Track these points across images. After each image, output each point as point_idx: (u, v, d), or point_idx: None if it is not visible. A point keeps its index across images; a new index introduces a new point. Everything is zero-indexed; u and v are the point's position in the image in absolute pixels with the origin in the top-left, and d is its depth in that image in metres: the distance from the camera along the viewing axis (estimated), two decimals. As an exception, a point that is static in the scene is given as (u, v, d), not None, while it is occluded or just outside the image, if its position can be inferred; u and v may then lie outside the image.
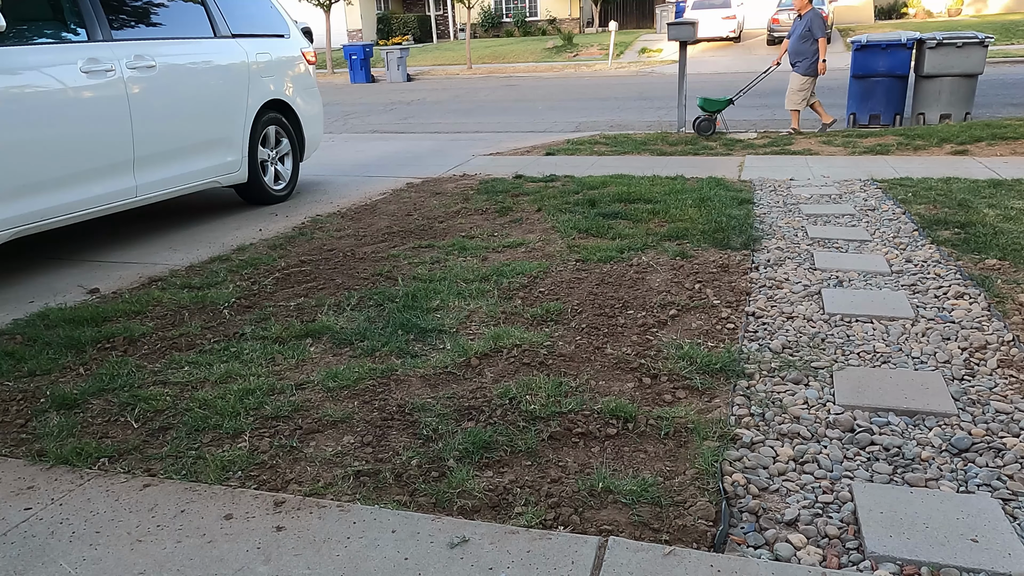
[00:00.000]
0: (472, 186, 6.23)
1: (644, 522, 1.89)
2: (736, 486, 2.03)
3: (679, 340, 2.96)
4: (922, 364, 2.73)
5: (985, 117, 8.83)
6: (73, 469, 2.20)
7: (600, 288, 3.60)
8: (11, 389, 2.74)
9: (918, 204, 4.93)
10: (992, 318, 3.07)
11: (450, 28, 38.23)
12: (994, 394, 2.48)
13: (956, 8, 29.37)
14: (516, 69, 23.27)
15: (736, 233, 4.36)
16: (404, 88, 19.43)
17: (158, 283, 3.93)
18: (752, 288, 3.54)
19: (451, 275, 3.81)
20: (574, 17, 36.50)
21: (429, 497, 2.03)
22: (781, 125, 9.59)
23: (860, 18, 28.26)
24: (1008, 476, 2.03)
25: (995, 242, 3.99)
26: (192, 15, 5.05)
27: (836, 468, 2.11)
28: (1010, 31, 21.71)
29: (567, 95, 15.40)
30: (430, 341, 3.04)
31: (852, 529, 1.86)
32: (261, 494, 2.05)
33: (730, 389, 2.57)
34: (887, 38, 8.57)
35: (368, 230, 4.90)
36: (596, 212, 5.01)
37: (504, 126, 10.97)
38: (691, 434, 2.28)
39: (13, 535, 1.90)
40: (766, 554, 1.78)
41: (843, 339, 2.96)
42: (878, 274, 3.67)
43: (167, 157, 4.71)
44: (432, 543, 1.82)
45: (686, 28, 8.42)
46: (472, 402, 2.53)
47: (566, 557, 1.75)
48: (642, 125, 10.29)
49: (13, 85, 3.80)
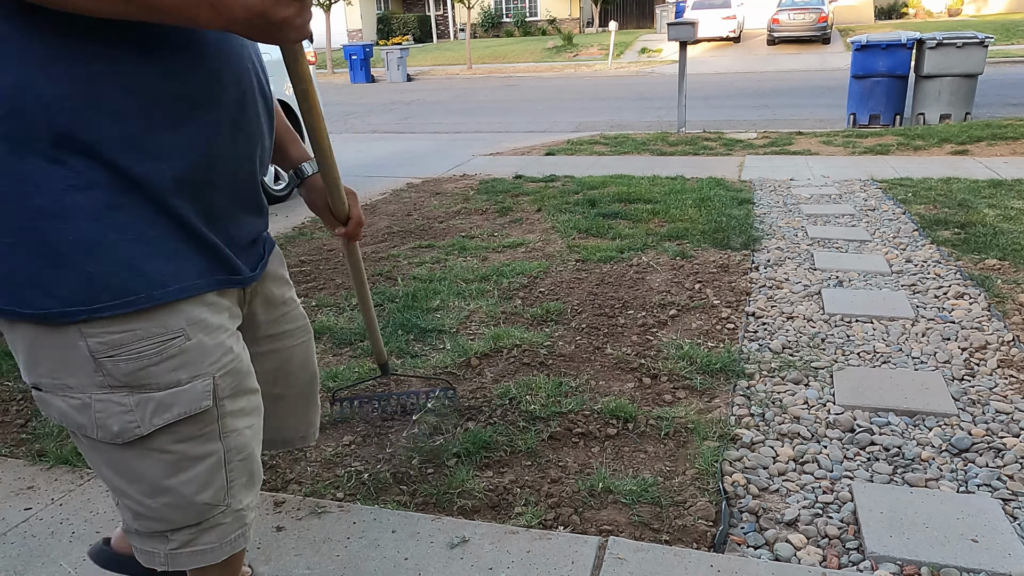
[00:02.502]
0: (472, 186, 6.23)
1: (644, 522, 1.89)
2: (736, 486, 2.03)
3: (679, 340, 2.96)
4: (922, 364, 2.73)
5: (985, 117, 8.83)
6: (73, 469, 2.20)
7: (600, 288, 3.61)
8: (11, 389, 2.74)
9: (918, 204, 4.93)
10: (992, 318, 3.07)
11: (450, 28, 38.24)
12: (994, 394, 2.48)
13: (956, 8, 29.39)
14: (516, 69, 23.28)
15: (736, 233, 4.36)
16: (404, 88, 19.44)
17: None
18: (752, 288, 3.54)
19: (451, 275, 3.82)
20: (574, 17, 36.52)
21: (429, 497, 2.03)
22: (781, 125, 9.59)
23: (860, 18, 28.27)
24: (1008, 476, 2.03)
25: (995, 242, 3.99)
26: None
27: (836, 468, 2.11)
28: (1010, 31, 21.72)
29: (567, 95, 15.41)
30: (430, 341, 3.04)
31: (852, 529, 1.86)
32: (261, 494, 2.05)
33: (730, 389, 2.57)
34: (887, 38, 8.57)
35: (368, 230, 4.90)
36: (596, 212, 5.01)
37: (504, 126, 10.98)
38: (691, 434, 2.28)
39: (13, 535, 1.90)
40: (766, 554, 1.78)
41: (843, 339, 2.96)
42: (878, 274, 3.67)
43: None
44: (432, 543, 1.82)
45: (686, 28, 8.42)
46: (472, 402, 2.53)
47: (566, 557, 1.75)
48: (642, 125, 10.29)
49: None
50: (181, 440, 1.13)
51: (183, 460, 1.14)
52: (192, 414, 1.12)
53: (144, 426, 1.10)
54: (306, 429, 1.56)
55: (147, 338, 1.07)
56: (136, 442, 1.11)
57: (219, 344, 1.15)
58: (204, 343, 1.12)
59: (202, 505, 1.17)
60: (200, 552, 1.21)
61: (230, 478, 1.19)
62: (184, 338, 1.10)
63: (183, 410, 1.11)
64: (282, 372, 1.44)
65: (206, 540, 1.21)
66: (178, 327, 1.09)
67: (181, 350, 1.10)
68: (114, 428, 1.10)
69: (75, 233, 1.01)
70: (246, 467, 1.22)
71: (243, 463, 1.21)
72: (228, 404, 1.17)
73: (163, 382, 1.09)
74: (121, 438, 1.10)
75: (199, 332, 1.12)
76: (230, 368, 1.16)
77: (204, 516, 1.18)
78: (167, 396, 1.10)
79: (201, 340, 1.12)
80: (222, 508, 1.20)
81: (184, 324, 1.10)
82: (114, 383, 1.08)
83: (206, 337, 1.13)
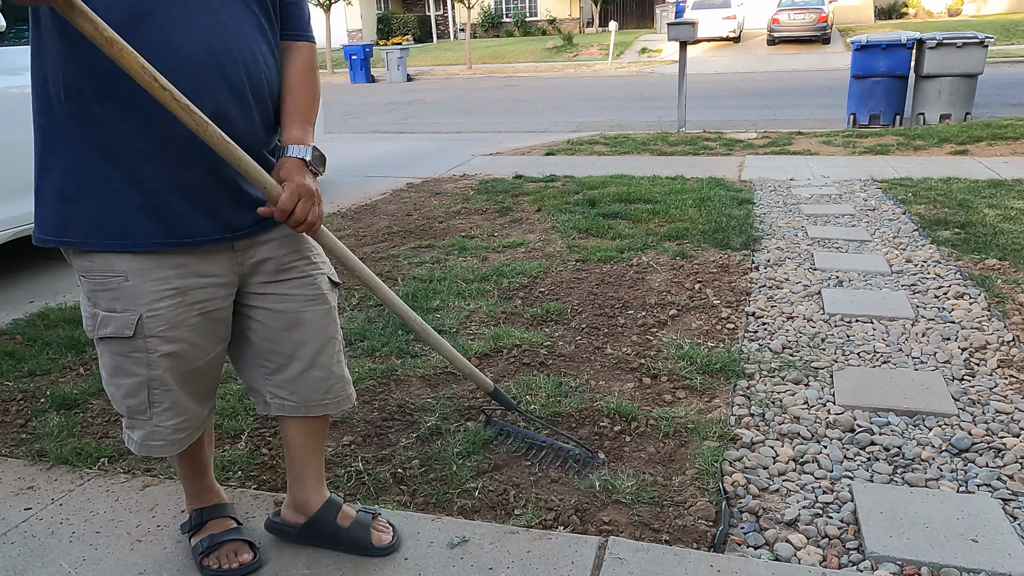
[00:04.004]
0: (472, 186, 6.23)
1: (644, 522, 1.89)
2: (736, 486, 2.03)
3: (679, 340, 2.96)
4: (922, 364, 2.73)
5: (985, 117, 8.83)
6: (73, 469, 2.20)
7: (600, 288, 3.60)
8: (11, 389, 2.74)
9: (918, 204, 4.93)
10: (992, 318, 3.07)
11: (450, 28, 38.24)
12: (994, 394, 2.48)
13: (956, 8, 29.39)
14: (516, 69, 23.28)
15: (736, 233, 4.36)
16: (404, 88, 19.43)
17: (158, 283, 3.93)
18: (752, 288, 3.54)
19: (451, 275, 3.81)
20: (574, 17, 36.52)
21: (429, 497, 2.03)
22: (781, 125, 9.59)
23: (860, 18, 28.27)
24: (1008, 476, 2.03)
25: (995, 242, 3.99)
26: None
27: (836, 468, 2.11)
28: (1010, 31, 21.71)
29: (567, 95, 15.41)
30: (430, 341, 3.04)
31: (852, 529, 1.86)
32: (261, 494, 2.05)
33: (730, 389, 2.57)
34: (887, 38, 8.57)
35: (368, 230, 4.90)
36: (596, 212, 5.01)
37: (504, 126, 10.98)
38: (691, 434, 2.28)
39: (13, 535, 1.90)
40: (766, 554, 1.78)
41: (843, 339, 2.96)
42: (878, 274, 3.67)
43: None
44: (432, 543, 1.82)
45: (686, 28, 8.42)
46: (472, 402, 2.53)
47: (566, 557, 1.75)
48: (642, 125, 10.29)
49: (13, 85, 3.80)
50: (116, 354, 1.50)
51: (118, 370, 1.52)
52: (120, 336, 1.47)
53: (95, 331, 1.50)
54: (320, 397, 1.68)
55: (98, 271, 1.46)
56: (96, 342, 1.52)
57: (153, 292, 1.45)
58: (139, 287, 1.45)
59: (127, 408, 1.55)
60: (131, 441, 1.60)
61: (152, 399, 1.53)
62: (123, 278, 1.45)
63: (113, 331, 1.47)
64: (279, 327, 1.61)
65: (134, 436, 1.59)
66: (120, 269, 1.44)
67: (121, 288, 1.45)
68: (86, 324, 1.53)
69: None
70: (169, 398, 1.54)
71: (165, 393, 1.53)
72: (155, 343, 1.48)
73: (104, 306, 1.47)
74: (88, 334, 1.53)
75: (136, 277, 1.44)
76: (158, 312, 1.46)
77: (131, 416, 1.56)
78: (105, 316, 1.47)
79: (136, 284, 1.45)
80: (144, 418, 1.55)
81: (125, 268, 1.44)
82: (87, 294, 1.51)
83: (140, 284, 1.45)
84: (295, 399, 1.66)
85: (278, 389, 1.66)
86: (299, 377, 1.64)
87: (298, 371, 1.64)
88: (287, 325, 1.60)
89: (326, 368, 1.66)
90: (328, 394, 1.68)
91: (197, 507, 1.81)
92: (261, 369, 1.65)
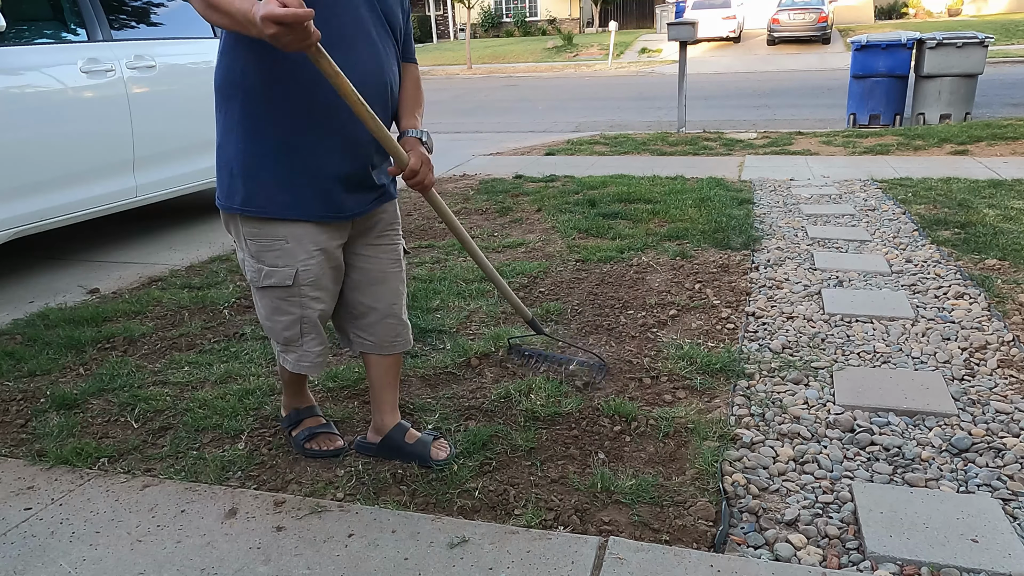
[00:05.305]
0: (472, 186, 6.23)
1: (644, 522, 1.89)
2: (736, 486, 2.03)
3: (679, 340, 2.96)
4: (922, 364, 2.73)
5: (985, 117, 8.83)
6: (73, 469, 2.20)
7: (600, 288, 3.61)
8: (11, 389, 2.74)
9: (918, 204, 4.93)
10: (992, 318, 3.07)
11: (450, 28, 38.24)
12: (994, 394, 2.48)
13: (956, 8, 29.40)
14: (516, 69, 23.29)
15: (736, 233, 4.36)
16: (404, 88, 19.38)
17: (158, 283, 3.93)
18: (752, 288, 3.54)
19: (451, 275, 3.81)
20: (574, 17, 36.53)
21: (429, 497, 2.03)
22: (781, 125, 9.60)
23: (860, 18, 28.28)
24: (1008, 476, 2.03)
25: (995, 242, 3.99)
26: (192, 15, 5.04)
27: (836, 468, 2.11)
28: (1010, 31, 21.72)
29: (567, 95, 15.41)
30: (430, 341, 3.04)
31: (852, 529, 1.86)
32: (261, 494, 2.05)
33: (730, 389, 2.57)
34: (887, 38, 8.57)
35: (368, 230, 4.90)
36: (596, 212, 5.01)
37: (504, 126, 10.98)
38: (691, 434, 2.28)
39: (13, 535, 1.90)
40: (766, 554, 1.78)
41: (843, 339, 2.96)
42: (878, 274, 3.67)
43: (167, 157, 4.70)
44: (432, 543, 1.82)
45: (686, 28, 8.42)
46: (472, 402, 2.53)
47: (566, 557, 1.75)
48: (642, 125, 10.29)
49: (13, 85, 3.80)
50: (277, 298, 1.97)
51: (277, 310, 1.99)
52: (281, 285, 1.93)
53: (260, 282, 1.95)
54: (392, 339, 2.14)
55: (266, 235, 1.91)
56: (258, 290, 1.99)
57: (306, 252, 1.91)
58: (296, 248, 1.90)
59: (284, 338, 2.03)
60: (286, 362, 2.08)
61: (304, 331, 2.01)
62: (285, 241, 1.90)
63: (276, 281, 1.93)
64: (367, 282, 2.08)
65: (287, 357, 2.06)
66: (283, 234, 1.90)
67: (283, 249, 1.91)
68: (251, 277, 1.97)
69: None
70: (313, 330, 2.02)
71: (311, 327, 2.01)
72: (306, 290, 1.95)
73: (269, 262, 1.92)
74: (253, 284, 1.99)
75: (294, 241, 1.90)
76: (309, 267, 1.92)
77: (287, 344, 2.04)
78: (269, 271, 1.93)
79: (295, 246, 1.90)
80: (296, 344, 2.03)
81: (286, 234, 1.89)
82: (250, 255, 1.96)
83: (298, 246, 1.90)
84: (373, 339, 2.12)
85: (361, 331, 2.12)
86: (378, 323, 2.10)
87: (377, 318, 2.10)
88: (374, 280, 2.08)
89: (397, 316, 2.13)
90: (398, 337, 2.15)
91: (297, 406, 2.31)
92: (348, 314, 2.11)
